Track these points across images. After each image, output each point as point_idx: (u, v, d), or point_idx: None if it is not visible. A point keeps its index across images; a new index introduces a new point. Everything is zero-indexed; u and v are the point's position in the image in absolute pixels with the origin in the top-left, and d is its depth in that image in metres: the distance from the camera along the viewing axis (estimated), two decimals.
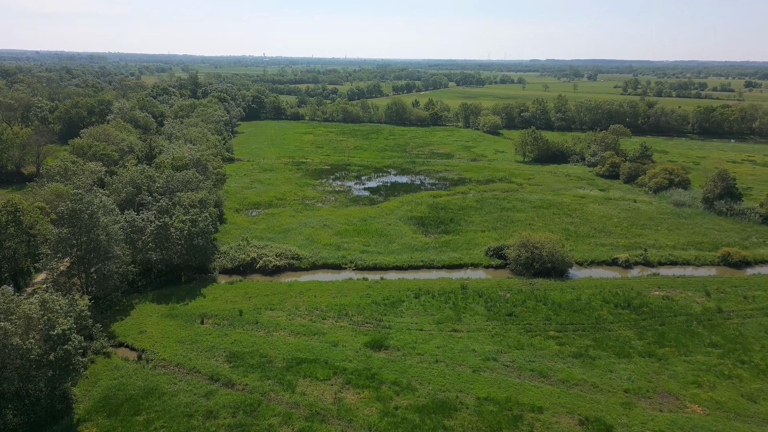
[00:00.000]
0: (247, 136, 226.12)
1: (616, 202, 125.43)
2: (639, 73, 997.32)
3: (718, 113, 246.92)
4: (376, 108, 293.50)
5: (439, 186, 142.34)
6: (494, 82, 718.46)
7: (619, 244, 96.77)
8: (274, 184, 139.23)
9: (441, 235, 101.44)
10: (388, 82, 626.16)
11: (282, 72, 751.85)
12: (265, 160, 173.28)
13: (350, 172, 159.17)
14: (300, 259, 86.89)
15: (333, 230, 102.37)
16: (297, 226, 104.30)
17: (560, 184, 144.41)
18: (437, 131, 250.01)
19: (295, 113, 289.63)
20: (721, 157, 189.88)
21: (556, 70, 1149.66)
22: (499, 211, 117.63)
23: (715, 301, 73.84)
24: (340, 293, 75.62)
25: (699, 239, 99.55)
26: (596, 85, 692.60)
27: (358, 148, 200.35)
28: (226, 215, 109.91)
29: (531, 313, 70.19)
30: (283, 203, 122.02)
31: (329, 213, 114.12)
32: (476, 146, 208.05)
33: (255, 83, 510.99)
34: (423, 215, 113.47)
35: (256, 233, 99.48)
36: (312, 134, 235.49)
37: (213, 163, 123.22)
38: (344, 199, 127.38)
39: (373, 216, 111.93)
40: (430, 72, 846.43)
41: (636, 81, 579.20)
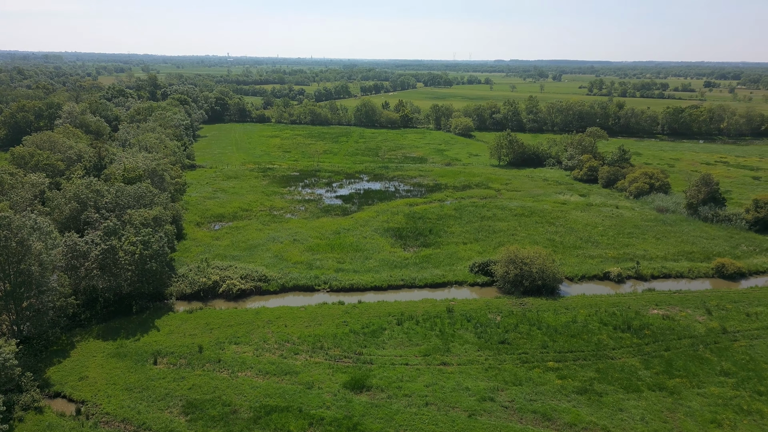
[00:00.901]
0: (210, 140, 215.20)
1: (598, 209, 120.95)
2: (601, 74, 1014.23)
3: (687, 114, 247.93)
4: (345, 110, 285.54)
5: (415, 193, 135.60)
6: (462, 82, 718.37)
7: (608, 255, 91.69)
8: (238, 193, 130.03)
9: (420, 249, 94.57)
10: (356, 82, 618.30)
11: (247, 72, 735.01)
12: (229, 166, 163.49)
13: (320, 178, 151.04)
14: (268, 280, 78.63)
15: (304, 245, 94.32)
16: (264, 242, 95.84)
17: (539, 190, 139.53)
18: (409, 134, 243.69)
19: (261, 115, 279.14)
20: (694, 158, 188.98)
21: (521, 71, 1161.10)
22: (480, 220, 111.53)
23: (718, 320, 68.96)
24: (314, 321, 67.82)
25: (689, 248, 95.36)
26: (561, 85, 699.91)
27: (328, 153, 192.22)
28: (185, 230, 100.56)
29: (525, 339, 63.82)
30: (249, 215, 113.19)
31: (299, 225, 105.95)
32: (449, 149, 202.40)
33: (219, 84, 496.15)
34: (400, 226, 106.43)
35: (219, 251, 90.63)
36: (279, 137, 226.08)
37: (171, 173, 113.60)
38: (315, 209, 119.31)
39: (347, 228, 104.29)
40: (398, 72, 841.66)
41: (601, 81, 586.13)
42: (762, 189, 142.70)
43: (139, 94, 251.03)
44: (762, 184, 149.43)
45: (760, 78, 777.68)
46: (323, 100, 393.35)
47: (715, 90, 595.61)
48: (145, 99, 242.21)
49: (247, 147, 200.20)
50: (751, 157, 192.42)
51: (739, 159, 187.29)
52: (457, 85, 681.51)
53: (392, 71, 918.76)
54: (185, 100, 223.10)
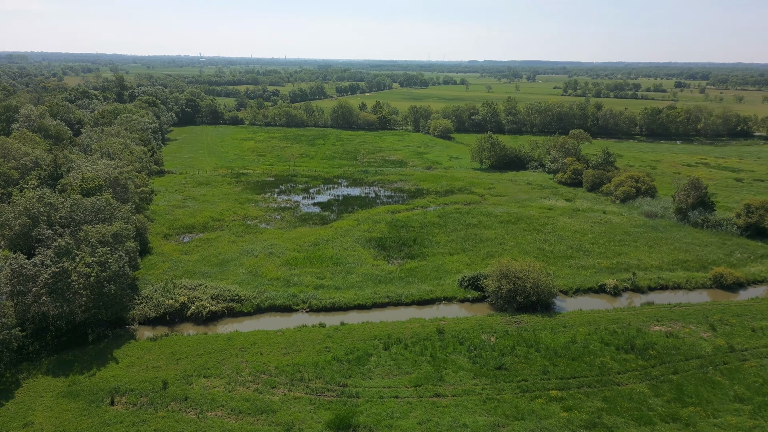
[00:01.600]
0: (181, 143, 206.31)
1: (585, 215, 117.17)
2: (573, 74, 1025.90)
3: (665, 115, 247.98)
4: (321, 111, 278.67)
5: (396, 199, 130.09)
6: (437, 83, 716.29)
7: (601, 265, 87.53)
8: (210, 201, 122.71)
9: (405, 261, 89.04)
10: (332, 83, 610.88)
11: (219, 73, 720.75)
12: (200, 171, 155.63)
13: (297, 184, 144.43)
14: (241, 301, 72.12)
15: (280, 259, 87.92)
16: (237, 256, 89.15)
17: (523, 194, 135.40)
18: (387, 136, 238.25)
19: (234, 117, 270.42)
20: (674, 160, 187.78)
21: (495, 71, 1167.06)
22: (465, 228, 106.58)
23: (724, 337, 65.02)
24: (293, 348, 61.68)
25: (683, 257, 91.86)
26: (536, 86, 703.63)
27: (304, 156, 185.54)
28: (151, 243, 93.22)
29: (524, 364, 58.77)
30: (221, 225, 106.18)
31: (275, 236, 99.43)
32: (429, 152, 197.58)
33: (190, 85, 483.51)
34: (383, 236, 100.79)
35: (188, 267, 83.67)
36: (253, 140, 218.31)
37: (136, 181, 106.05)
38: (292, 217, 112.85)
39: (327, 239, 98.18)
40: (373, 73, 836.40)
41: (575, 82, 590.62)
42: (746, 191, 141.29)
43: (105, 96, 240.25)
44: (745, 186, 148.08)
45: (728, 78, 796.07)
46: (298, 101, 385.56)
47: (686, 90, 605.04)
48: (111, 101, 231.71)
49: (220, 151, 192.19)
50: (730, 158, 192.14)
51: (719, 160, 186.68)
52: (433, 85, 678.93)
53: (367, 71, 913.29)
54: (154, 102, 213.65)
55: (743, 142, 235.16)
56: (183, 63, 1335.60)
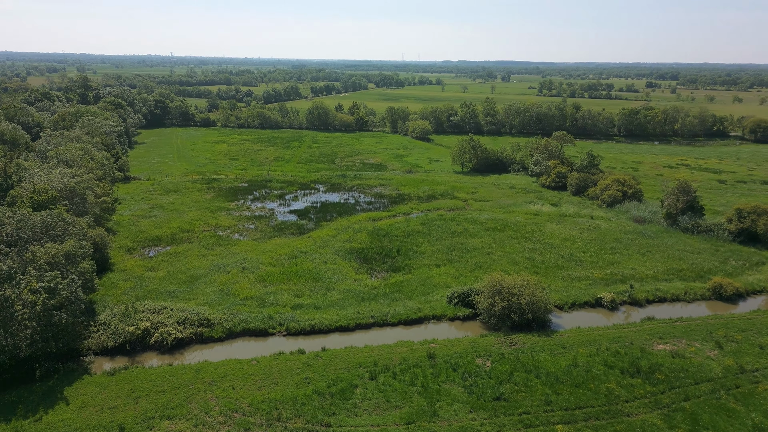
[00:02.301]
0: (149, 147, 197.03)
1: (573, 220, 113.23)
2: (547, 74, 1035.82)
3: (642, 116, 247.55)
4: (296, 112, 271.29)
5: (377, 205, 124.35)
6: (413, 83, 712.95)
7: (595, 276, 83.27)
8: (179, 210, 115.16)
9: (389, 274, 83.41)
10: (306, 83, 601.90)
11: (191, 72, 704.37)
12: (168, 177, 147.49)
13: (272, 190, 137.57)
14: (211, 325, 65.52)
15: (255, 275, 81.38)
16: (208, 272, 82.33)
17: (508, 199, 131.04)
18: (365, 138, 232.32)
19: (206, 119, 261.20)
20: (655, 161, 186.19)
21: (469, 71, 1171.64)
22: (450, 236, 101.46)
23: (732, 356, 61.02)
24: (269, 379, 55.47)
25: (677, 265, 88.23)
26: (511, 86, 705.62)
27: (279, 160, 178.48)
28: (113, 259, 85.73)
29: (524, 393, 53.65)
30: (191, 236, 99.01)
31: (249, 249, 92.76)
32: (408, 155, 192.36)
33: (160, 85, 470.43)
34: (364, 246, 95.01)
35: (153, 285, 76.61)
36: (225, 143, 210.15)
37: (97, 190, 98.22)
38: (267, 227, 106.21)
39: (305, 251, 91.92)
40: (348, 73, 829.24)
41: (550, 82, 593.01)
42: (730, 193, 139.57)
43: (68, 97, 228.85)
44: (729, 188, 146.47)
45: (697, 78, 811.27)
46: (272, 101, 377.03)
47: (657, 90, 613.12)
48: (75, 102, 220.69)
49: (190, 154, 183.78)
50: (710, 158, 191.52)
51: (700, 161, 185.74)
52: (408, 86, 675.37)
53: (342, 71, 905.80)
54: (120, 104, 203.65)
55: (720, 142, 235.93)
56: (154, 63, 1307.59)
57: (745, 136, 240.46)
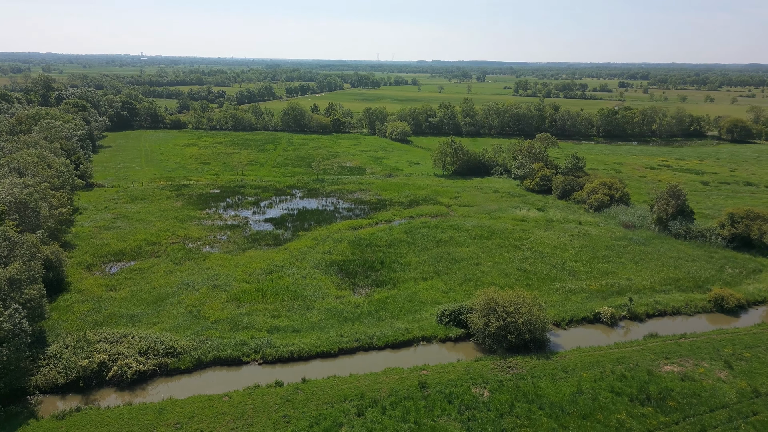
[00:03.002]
0: (115, 151, 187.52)
1: (561, 226, 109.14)
2: (520, 74, 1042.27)
3: (621, 116, 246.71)
4: (270, 114, 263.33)
5: (357, 212, 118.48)
6: (389, 83, 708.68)
7: (591, 288, 78.91)
8: (145, 221, 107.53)
9: (373, 289, 77.74)
10: (281, 83, 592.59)
11: (161, 72, 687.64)
12: (135, 184, 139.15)
13: (246, 196, 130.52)
14: (178, 354, 58.86)
15: (227, 293, 74.82)
16: (175, 290, 75.45)
17: (492, 204, 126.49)
18: (342, 140, 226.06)
19: (176, 121, 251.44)
20: (636, 162, 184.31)
21: (444, 71, 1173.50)
22: (436, 245, 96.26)
23: (744, 377, 56.98)
24: (243, 419, 49.24)
25: (674, 274, 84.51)
26: (487, 86, 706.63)
27: (254, 163, 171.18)
28: (70, 278, 78.17)
29: (528, 428, 48.52)
30: (157, 250, 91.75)
31: (221, 263, 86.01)
32: (387, 157, 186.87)
33: (129, 85, 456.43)
34: (345, 258, 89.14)
35: (114, 308, 69.52)
36: (196, 146, 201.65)
37: (53, 201, 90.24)
38: (240, 238, 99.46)
39: (281, 265, 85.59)
40: (323, 73, 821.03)
41: (525, 82, 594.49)
42: (716, 195, 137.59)
43: (29, 99, 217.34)
44: (713, 189, 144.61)
45: (668, 78, 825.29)
46: (246, 102, 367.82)
47: (630, 90, 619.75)
48: (36, 104, 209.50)
49: (159, 159, 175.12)
50: (690, 159, 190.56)
51: (681, 162, 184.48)
52: (384, 86, 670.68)
53: (317, 71, 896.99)
54: (83, 106, 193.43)
55: (698, 142, 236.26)
56: (123, 62, 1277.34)
57: (722, 136, 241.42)
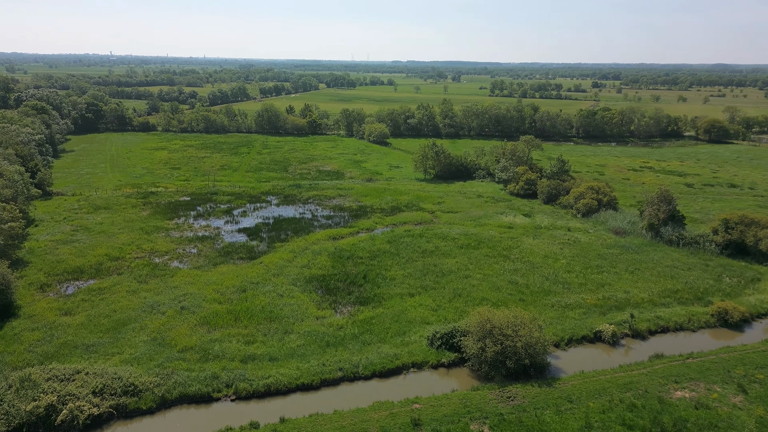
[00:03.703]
0: (78, 156, 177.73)
1: (550, 233, 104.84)
2: (495, 74, 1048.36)
3: (600, 117, 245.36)
4: (244, 115, 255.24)
5: (337, 220, 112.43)
6: (365, 83, 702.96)
7: (588, 302, 74.42)
8: (108, 233, 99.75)
9: (357, 308, 71.93)
10: (255, 83, 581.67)
11: (131, 72, 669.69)
12: (98, 192, 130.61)
13: (218, 204, 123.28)
14: (139, 392, 52.08)
15: (196, 316, 68.12)
16: (138, 314, 68.46)
17: (477, 210, 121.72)
18: (319, 142, 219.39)
19: (144, 123, 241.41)
20: (618, 164, 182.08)
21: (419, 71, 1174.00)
22: (421, 256, 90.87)
23: (761, 403, 52.80)
24: None
25: (671, 285, 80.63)
26: (463, 86, 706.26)
27: (226, 168, 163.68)
28: (20, 301, 70.53)
29: None
30: (120, 266, 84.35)
31: (190, 280, 79.12)
32: (366, 160, 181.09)
33: (96, 86, 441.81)
34: (325, 273, 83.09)
35: (68, 336, 62.32)
36: (166, 150, 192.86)
37: (3, 214, 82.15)
38: (211, 251, 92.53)
39: (256, 281, 79.11)
40: (298, 73, 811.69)
41: (501, 82, 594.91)
42: (702, 198, 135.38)
43: None
44: (698, 192, 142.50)
45: (639, 79, 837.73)
46: (218, 103, 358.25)
47: (604, 90, 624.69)
48: None
49: (126, 164, 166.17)
50: (671, 160, 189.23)
51: (662, 163, 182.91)
52: (360, 86, 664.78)
53: (292, 71, 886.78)
54: (43, 108, 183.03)
55: (676, 142, 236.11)
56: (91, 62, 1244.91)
57: (700, 137, 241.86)
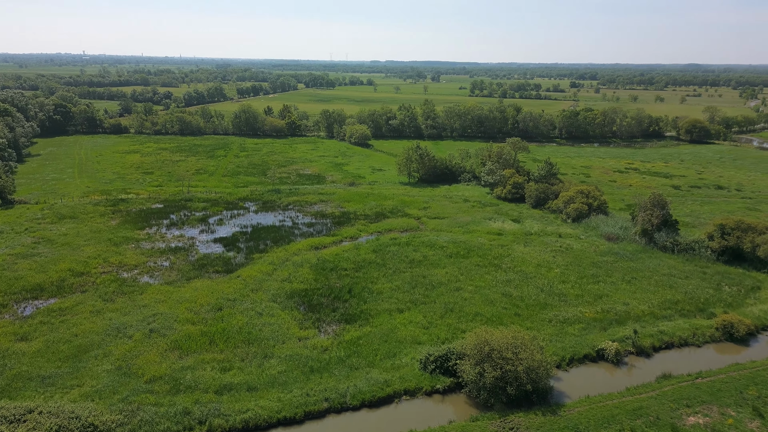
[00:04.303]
0: (45, 160, 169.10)
1: (541, 240, 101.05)
2: (473, 74, 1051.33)
3: (582, 117, 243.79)
4: (221, 116, 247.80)
5: (319, 228, 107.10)
6: (344, 83, 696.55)
7: (586, 316, 70.52)
8: (72, 245, 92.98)
9: (343, 326, 66.90)
10: (232, 83, 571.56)
11: (104, 72, 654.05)
12: (64, 199, 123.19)
13: (192, 211, 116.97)
14: None
15: (167, 340, 62.36)
16: (102, 338, 62.44)
17: (464, 215, 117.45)
18: (298, 144, 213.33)
19: (116, 125, 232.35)
20: (603, 165, 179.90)
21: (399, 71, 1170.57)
22: (409, 266, 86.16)
23: None
24: None
25: (671, 295, 77.22)
26: (442, 86, 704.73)
27: (202, 172, 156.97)
28: None
29: None
30: (85, 283, 77.96)
31: (161, 297, 73.18)
32: (348, 163, 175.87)
33: (66, 86, 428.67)
34: (308, 287, 77.86)
35: (23, 366, 56.12)
36: (139, 153, 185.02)
37: None
38: (185, 263, 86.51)
39: (233, 298, 73.51)
40: (276, 73, 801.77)
41: (481, 82, 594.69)
42: (690, 201, 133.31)
43: None
44: (685, 194, 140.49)
45: (615, 78, 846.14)
46: (194, 103, 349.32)
47: (582, 90, 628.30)
48: None
49: (95, 168, 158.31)
50: (655, 161, 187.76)
51: (647, 164, 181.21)
52: (339, 86, 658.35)
53: (270, 71, 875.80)
54: (6, 110, 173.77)
55: (658, 143, 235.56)
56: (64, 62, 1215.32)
57: (681, 137, 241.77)
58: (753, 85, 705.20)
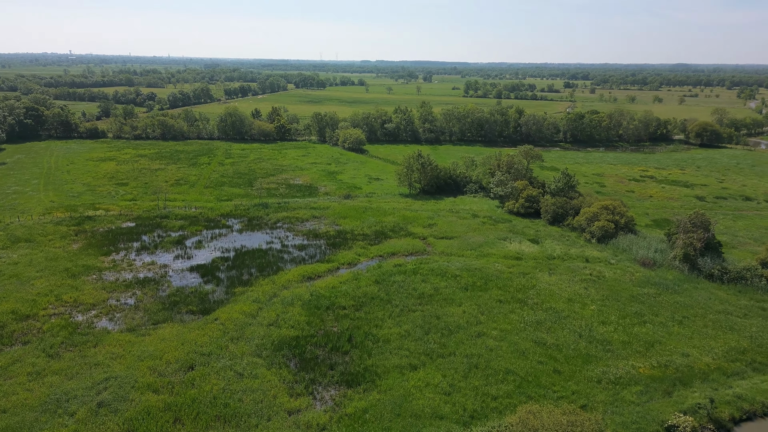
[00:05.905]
0: (10, 169, 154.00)
1: (566, 266, 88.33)
2: (465, 74, 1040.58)
3: (587, 120, 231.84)
4: (206, 119, 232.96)
5: (312, 251, 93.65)
6: (335, 83, 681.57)
7: (641, 372, 57.76)
8: (21, 277, 78.83)
9: (343, 392, 53.58)
10: (219, 84, 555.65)
11: (88, 72, 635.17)
12: (22, 217, 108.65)
13: (168, 231, 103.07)
14: None
15: (119, 418, 48.67)
16: (36, 416, 48.67)
17: (476, 234, 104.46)
18: (288, 149, 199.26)
19: (93, 129, 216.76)
20: (617, 173, 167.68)
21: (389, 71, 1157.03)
22: (419, 302, 73.07)
23: None
24: None
25: (735, 342, 64.74)
26: (435, 86, 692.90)
27: (182, 183, 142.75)
28: None
29: None
30: (28, 330, 64.05)
31: (118, 353, 59.42)
32: (342, 171, 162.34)
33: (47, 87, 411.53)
34: (299, 333, 64.51)
35: None
36: (114, 161, 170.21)
37: None
38: (153, 301, 72.73)
39: (208, 352, 59.90)
40: (266, 73, 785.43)
41: (475, 83, 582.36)
42: (721, 215, 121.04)
43: None
44: (713, 206, 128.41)
45: (608, 78, 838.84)
46: (179, 105, 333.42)
47: (577, 90, 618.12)
48: None
49: (63, 179, 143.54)
50: (670, 168, 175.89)
51: (663, 172, 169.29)
52: (330, 86, 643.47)
53: (259, 71, 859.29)
54: None
55: (667, 147, 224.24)
56: (48, 61, 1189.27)
57: (691, 140, 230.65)
58: (747, 85, 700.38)
